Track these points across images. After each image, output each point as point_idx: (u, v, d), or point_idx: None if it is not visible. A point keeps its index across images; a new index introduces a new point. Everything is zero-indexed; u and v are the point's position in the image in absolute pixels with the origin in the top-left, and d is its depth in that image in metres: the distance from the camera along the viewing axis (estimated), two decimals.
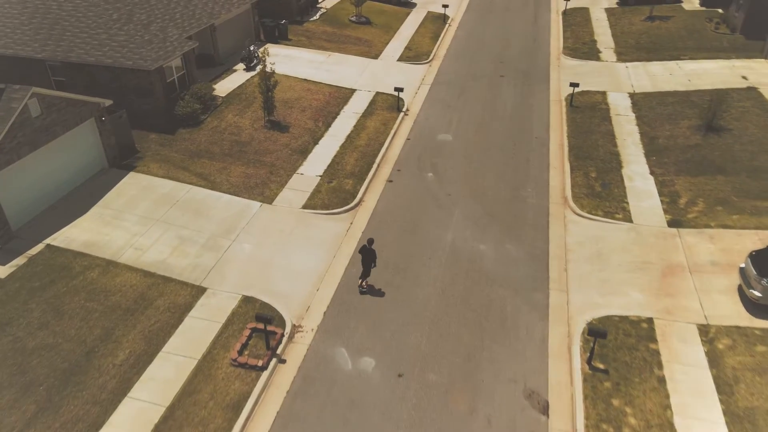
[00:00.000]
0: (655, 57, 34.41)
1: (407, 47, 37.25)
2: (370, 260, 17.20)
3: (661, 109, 28.08)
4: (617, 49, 36.04)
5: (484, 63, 35.33)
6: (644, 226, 20.35)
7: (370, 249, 17.12)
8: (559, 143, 26.31)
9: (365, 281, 17.68)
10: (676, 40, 36.40)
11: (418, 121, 28.39)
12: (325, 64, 33.82)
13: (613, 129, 26.86)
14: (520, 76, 33.41)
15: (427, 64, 35.27)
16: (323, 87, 30.86)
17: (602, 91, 30.65)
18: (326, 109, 28.65)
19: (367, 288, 17.72)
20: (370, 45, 37.22)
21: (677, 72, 32.09)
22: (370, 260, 17.20)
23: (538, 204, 22.00)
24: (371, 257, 17.15)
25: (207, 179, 22.43)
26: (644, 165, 23.87)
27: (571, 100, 29.29)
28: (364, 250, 17.11)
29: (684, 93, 29.42)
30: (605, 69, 33.60)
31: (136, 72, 24.44)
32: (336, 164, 24.16)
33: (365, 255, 17.12)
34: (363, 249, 17.13)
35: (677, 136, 25.47)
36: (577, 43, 37.62)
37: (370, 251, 17.11)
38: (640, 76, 32.23)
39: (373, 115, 28.39)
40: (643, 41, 36.87)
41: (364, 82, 32.03)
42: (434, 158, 25.05)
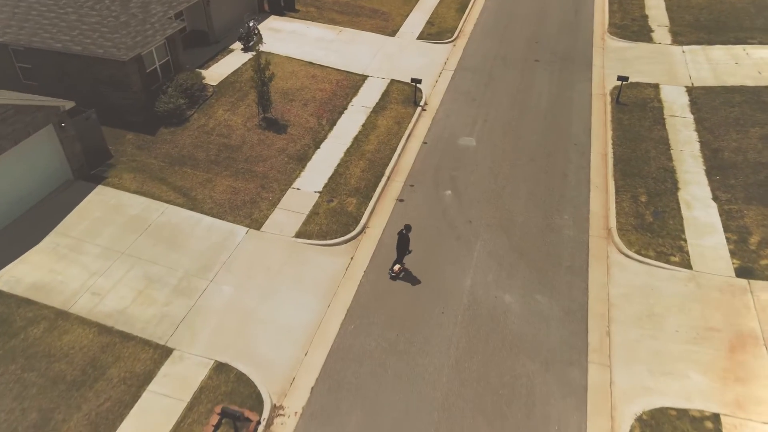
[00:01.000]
0: (717, 39, 29.54)
1: (429, 21, 32.81)
2: (404, 247, 16.44)
3: (725, 110, 23.74)
4: (672, 28, 31.15)
5: (517, 42, 30.86)
6: (706, 274, 16.72)
7: (405, 236, 16.26)
8: (602, 152, 22.36)
9: (398, 266, 16.97)
10: (743, 18, 31.28)
11: (437, 119, 24.55)
12: (335, 43, 29.76)
13: (667, 135, 22.74)
14: (557, 60, 28.99)
15: (451, 43, 30.91)
16: (331, 73, 27.00)
17: (654, 83, 26.22)
18: (332, 102, 24.93)
19: (397, 274, 17.01)
20: (387, 18, 32.87)
21: (744, 60, 27.37)
22: (404, 247, 16.44)
23: (576, 237, 18.42)
24: (405, 244, 16.37)
25: (187, 195, 19.26)
26: (705, 187, 19.96)
27: (618, 96, 25.05)
28: (400, 234, 16.33)
29: (753, 90, 24.91)
30: (658, 53, 28.94)
31: (110, 62, 21.00)
32: (339, 176, 20.72)
33: (400, 240, 16.36)
34: (399, 233, 16.39)
35: (746, 149, 21.32)
36: (625, 18, 32.70)
37: (405, 237, 16.25)
38: (699, 63, 27.61)
39: (385, 110, 24.62)
40: (703, 18, 31.83)
41: (377, 66, 28.03)
42: (454, 170, 21.40)
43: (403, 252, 16.63)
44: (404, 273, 17.10)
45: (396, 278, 17.02)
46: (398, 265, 17.00)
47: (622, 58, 28.90)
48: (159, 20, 23.06)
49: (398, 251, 16.62)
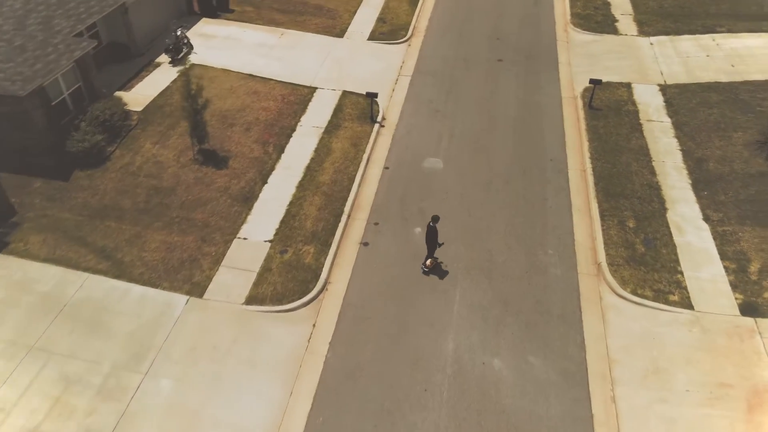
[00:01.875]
0: (684, 28, 27.99)
1: (380, 18, 29.94)
2: (434, 239, 15.93)
3: (703, 112, 22.20)
4: (637, 17, 29.43)
5: (477, 39, 28.46)
6: (709, 314, 15.12)
7: (434, 227, 15.73)
8: (580, 168, 20.45)
9: (431, 261, 16.48)
10: (708, 4, 29.85)
11: (398, 136, 22.03)
12: (277, 49, 26.61)
13: (646, 144, 21.02)
14: (521, 59, 26.79)
15: (406, 43, 28.23)
16: (275, 87, 23.96)
17: (626, 82, 24.43)
18: (278, 123, 22.00)
19: (430, 268, 16.57)
20: (333, 16, 29.80)
21: (715, 52, 25.93)
22: (433, 239, 15.93)
23: (564, 277, 16.49)
24: (434, 237, 15.88)
25: (111, 258, 16.22)
26: (694, 205, 18.35)
27: (590, 100, 23.14)
28: (429, 227, 15.81)
29: (729, 86, 23.47)
30: (625, 47, 27.18)
31: (4, 97, 17.43)
32: (292, 218, 18.04)
33: (429, 233, 15.87)
34: (428, 225, 15.84)
35: (732, 159, 19.84)
36: (587, 6, 30.74)
37: (433, 230, 15.75)
38: (669, 57, 25.99)
39: (339, 130, 21.92)
40: (667, 4, 30.22)
41: (327, 75, 25.14)
42: (422, 200, 19.05)
43: (434, 245, 16.16)
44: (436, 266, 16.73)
45: (428, 273, 16.60)
46: (430, 259, 16.53)
47: (589, 53, 27.00)
48: (64, 40, 19.45)
49: (428, 245, 16.19)
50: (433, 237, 15.94)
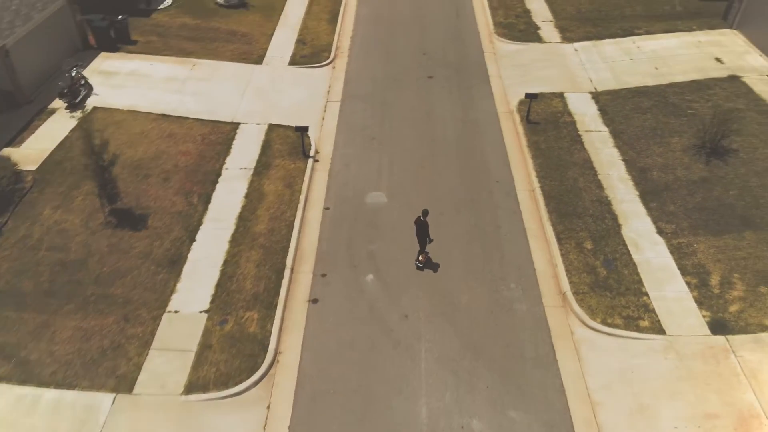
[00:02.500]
0: (604, 32, 28.21)
1: (300, 39, 28.19)
2: (425, 234, 16.02)
3: (638, 118, 22.15)
4: (558, 23, 29.42)
5: (404, 56, 27.35)
6: (681, 337, 14.61)
7: (424, 222, 15.82)
8: (528, 188, 19.70)
9: (423, 256, 16.61)
10: (623, 5, 30.33)
11: (335, 171, 20.43)
12: (191, 83, 24.27)
13: (589, 156, 20.61)
14: (452, 73, 25.94)
15: (330, 65, 26.66)
16: (193, 126, 21.71)
17: (559, 92, 24.10)
18: (201, 168, 19.82)
19: (423, 263, 16.70)
20: (249, 41, 27.74)
21: (637, 55, 26.18)
22: (424, 234, 16.02)
23: (531, 312, 15.53)
24: (425, 231, 15.95)
25: (13, 358, 13.56)
26: (646, 218, 17.98)
27: (528, 114, 22.57)
28: (418, 221, 15.94)
29: (657, 90, 23.63)
30: (552, 55, 26.98)
31: None
32: (228, 280, 16.03)
33: (419, 228, 15.95)
34: (417, 220, 16.00)
35: (674, 166, 19.75)
36: (508, 15, 30.46)
37: (424, 224, 15.84)
38: (595, 63, 25.99)
39: (270, 170, 20.03)
40: (584, 9, 30.47)
41: (249, 108, 23.13)
42: (370, 242, 17.57)
43: (425, 240, 16.26)
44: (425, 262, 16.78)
45: (423, 268, 16.72)
46: (423, 254, 16.64)
47: (517, 63, 26.56)
48: None
49: (420, 240, 16.26)
50: (424, 231, 16.04)
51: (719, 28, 27.65)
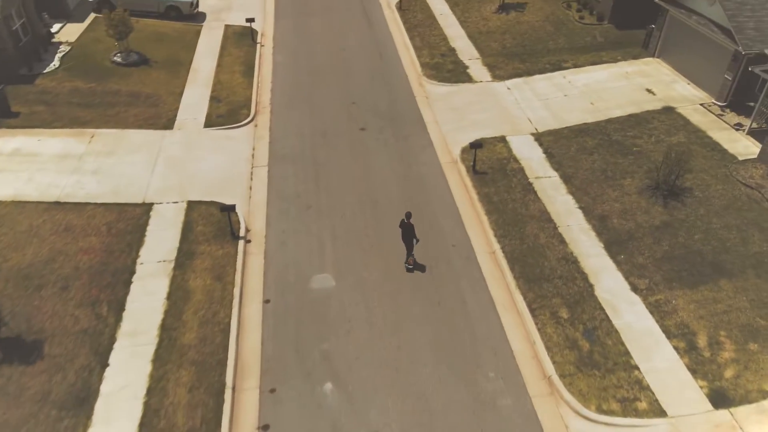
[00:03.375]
0: (533, 68, 27.58)
1: (214, 96, 25.42)
2: (411, 236, 16.47)
3: (585, 159, 21.24)
4: (485, 60, 28.55)
5: (331, 107, 25.27)
6: (685, 418, 13.18)
7: (408, 224, 16.29)
8: (488, 250, 18.02)
9: (411, 258, 17.02)
10: (546, 39, 30.04)
11: (271, 253, 17.84)
12: (90, 159, 20.90)
13: (545, 207, 19.30)
14: (385, 123, 24.14)
15: (252, 123, 24.10)
16: (94, 213, 18.41)
17: (500, 136, 22.88)
18: (109, 267, 16.59)
19: (413, 265, 17.12)
20: (156, 102, 24.64)
21: (570, 90, 25.63)
22: (410, 237, 16.47)
23: (517, 406, 13.59)
24: (411, 233, 16.42)
25: None
26: (616, 273, 16.71)
27: (474, 165, 21.09)
28: (403, 224, 16.38)
29: (598, 127, 22.97)
30: (485, 95, 25.89)
31: None
32: (155, 416, 12.95)
33: (404, 232, 16.45)
34: (401, 223, 16.43)
35: (633, 211, 18.79)
36: (434, 54, 29.28)
37: (409, 226, 16.31)
38: (530, 101, 25.13)
39: (195, 260, 17.13)
40: (509, 44, 29.88)
41: (163, 184, 20.10)
42: (323, 340, 15.06)
43: (411, 243, 16.63)
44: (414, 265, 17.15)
45: (413, 270, 17.11)
46: (411, 257, 16.99)
47: (452, 106, 25.22)
48: None
49: (407, 243, 16.66)
50: (410, 233, 16.40)
51: (642, 57, 27.82)
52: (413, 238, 16.44)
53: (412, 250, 16.75)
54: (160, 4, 31.21)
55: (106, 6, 30.64)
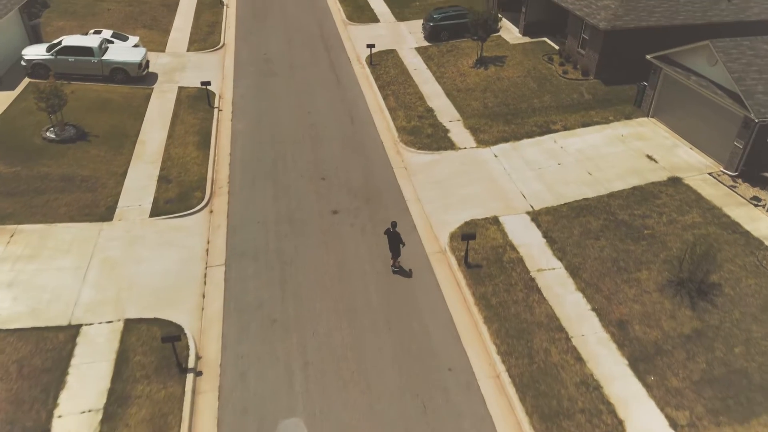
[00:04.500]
0: (520, 130, 25.20)
1: (163, 175, 22.11)
2: (397, 242, 17.27)
3: (592, 246, 18.58)
4: (467, 122, 26.08)
5: (297, 184, 22.23)
6: None
7: (394, 232, 17.12)
8: (491, 374, 14.96)
9: (397, 261, 17.87)
10: (530, 97, 27.83)
11: (227, 390, 14.39)
12: (4, 266, 17.23)
13: (552, 310, 16.44)
14: (360, 204, 21.20)
15: (207, 208, 20.90)
16: (2, 347, 14.73)
17: (492, 216, 20.14)
18: (15, 425, 12.94)
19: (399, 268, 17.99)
20: (93, 186, 21.21)
21: (564, 157, 23.23)
22: (397, 242, 17.27)
23: None
24: (397, 239, 17.24)
25: None
26: (649, 402, 13.80)
27: (466, 257, 18.26)
28: (389, 232, 17.22)
29: (600, 203, 20.45)
30: (471, 164, 23.26)
31: None
32: None
33: (391, 238, 17.23)
34: (387, 231, 17.31)
35: (656, 315, 16.05)
36: (410, 116, 26.69)
37: (395, 234, 17.13)
38: (521, 171, 22.58)
39: (129, 407, 13.56)
40: (491, 103, 27.55)
41: (94, 296, 16.55)
42: None
43: (398, 248, 17.49)
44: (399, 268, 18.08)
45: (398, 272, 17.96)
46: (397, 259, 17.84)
47: (434, 179, 22.48)
48: None
49: (393, 249, 17.53)
50: (397, 240, 17.31)
51: (635, 116, 25.73)
52: (400, 243, 17.46)
53: (399, 254, 17.81)
54: (104, 67, 28.01)
55: (42, 70, 27.59)
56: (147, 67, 29.36)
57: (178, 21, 37.01)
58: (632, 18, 27.14)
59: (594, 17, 27.73)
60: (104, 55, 28.01)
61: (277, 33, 36.17)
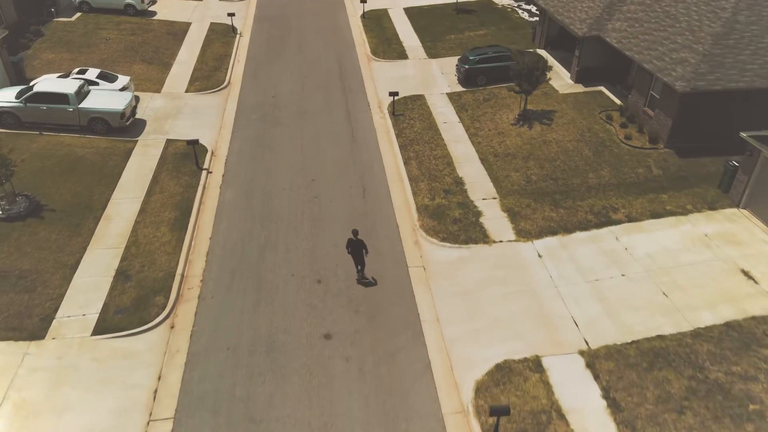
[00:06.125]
0: (572, 217, 20.04)
1: (122, 269, 17.70)
2: (361, 250, 16.88)
3: (673, 425, 13.34)
4: (504, 202, 21.09)
5: (287, 287, 17.44)
6: None
7: (357, 240, 16.68)
8: None
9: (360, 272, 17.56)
10: (584, 169, 22.61)
11: None
12: None
13: None
14: (362, 323, 16.21)
15: (167, 322, 16.40)
16: None
17: (533, 357, 15.15)
18: None
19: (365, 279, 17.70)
20: (32, 285, 16.93)
21: (629, 264, 17.96)
22: (360, 250, 16.88)
23: None
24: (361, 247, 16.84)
25: None
26: None
27: (496, 426, 13.34)
28: (351, 242, 16.74)
29: (682, 347, 15.05)
30: (507, 266, 18.21)
31: None
32: None
33: (354, 247, 16.79)
34: (350, 242, 16.77)
35: None
36: (435, 190, 21.79)
37: (358, 242, 16.70)
38: (573, 283, 17.41)
39: None
40: (535, 175, 22.46)
41: None
42: None
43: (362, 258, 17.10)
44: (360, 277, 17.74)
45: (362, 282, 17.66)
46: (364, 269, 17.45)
47: (460, 289, 17.51)
48: None
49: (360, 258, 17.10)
50: (359, 250, 16.83)
51: (721, 205, 20.24)
52: (363, 250, 16.93)
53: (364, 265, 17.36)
54: (82, 116, 24.11)
55: (11, 119, 23.92)
56: (133, 115, 25.36)
57: (183, 53, 33.17)
58: (718, 77, 21.71)
59: (668, 74, 22.39)
60: (82, 103, 24.12)
61: (291, 69, 31.90)
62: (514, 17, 38.45)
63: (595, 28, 27.68)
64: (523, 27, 36.43)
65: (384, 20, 38.52)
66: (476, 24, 37.28)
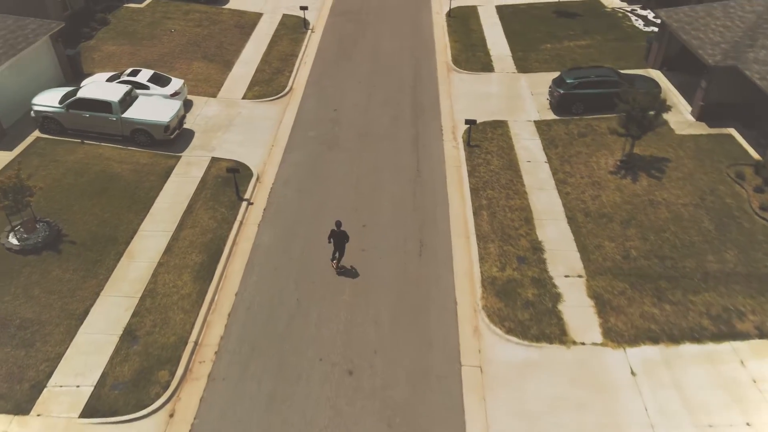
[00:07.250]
0: (681, 320, 15.47)
1: (131, 327, 15.28)
2: (343, 241, 16.81)
3: None
4: (593, 284, 16.71)
5: (309, 383, 14.23)
6: None
7: (340, 231, 16.56)
8: None
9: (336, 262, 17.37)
10: (701, 248, 17.73)
11: None
12: None
13: None
14: None
15: (166, 408, 13.72)
16: None
17: None
18: None
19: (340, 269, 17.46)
20: (31, 340, 14.90)
21: (759, 407, 13.46)
22: (342, 241, 16.81)
23: None
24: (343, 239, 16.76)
25: None
26: None
27: None
28: (334, 233, 16.61)
29: None
30: (587, 387, 14.00)
31: None
32: None
33: (337, 238, 16.68)
34: (333, 233, 16.64)
35: None
36: (507, 256, 17.77)
37: (341, 233, 16.59)
38: (675, 425, 13.08)
39: None
40: (635, 249, 17.85)
41: None
42: None
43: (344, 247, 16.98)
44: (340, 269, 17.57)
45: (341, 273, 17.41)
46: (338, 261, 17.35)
47: (522, 410, 13.75)
48: None
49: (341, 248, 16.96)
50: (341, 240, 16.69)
51: None
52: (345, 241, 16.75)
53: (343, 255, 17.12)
54: (125, 126, 22.09)
55: (53, 125, 22.34)
56: (180, 127, 23.05)
57: (248, 50, 30.61)
58: None
59: None
60: (126, 112, 22.09)
61: (360, 76, 28.55)
62: (625, 25, 32.79)
63: (731, 56, 22.18)
64: (636, 38, 30.84)
65: (471, 21, 34.09)
66: (578, 32, 32.07)
